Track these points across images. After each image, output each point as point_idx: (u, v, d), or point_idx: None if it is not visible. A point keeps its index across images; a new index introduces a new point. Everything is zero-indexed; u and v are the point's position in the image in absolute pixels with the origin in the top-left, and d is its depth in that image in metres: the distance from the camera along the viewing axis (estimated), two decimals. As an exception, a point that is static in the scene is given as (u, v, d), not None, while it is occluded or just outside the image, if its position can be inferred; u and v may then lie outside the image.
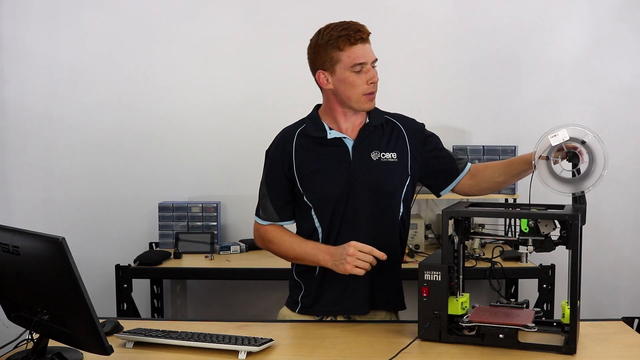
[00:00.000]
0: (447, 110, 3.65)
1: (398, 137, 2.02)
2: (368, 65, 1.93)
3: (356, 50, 1.90)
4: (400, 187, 1.98)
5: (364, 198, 1.94)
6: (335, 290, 1.97)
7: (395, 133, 2.02)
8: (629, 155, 3.57)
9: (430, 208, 3.62)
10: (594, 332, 1.81)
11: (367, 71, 1.93)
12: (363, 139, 1.98)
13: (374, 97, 1.97)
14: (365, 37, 1.93)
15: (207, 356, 1.65)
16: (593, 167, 1.73)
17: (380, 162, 1.97)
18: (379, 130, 2.01)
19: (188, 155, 3.65)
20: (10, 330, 1.71)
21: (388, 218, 1.97)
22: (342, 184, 1.94)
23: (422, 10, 3.62)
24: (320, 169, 1.96)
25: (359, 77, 1.92)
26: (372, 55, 1.95)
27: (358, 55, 1.90)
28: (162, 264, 3.21)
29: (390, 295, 2.02)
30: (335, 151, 1.97)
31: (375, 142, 1.99)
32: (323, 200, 1.96)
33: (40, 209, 3.65)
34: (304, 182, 1.97)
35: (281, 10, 3.61)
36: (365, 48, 1.93)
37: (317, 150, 1.97)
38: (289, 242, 1.99)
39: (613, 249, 3.64)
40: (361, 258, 1.83)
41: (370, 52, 1.95)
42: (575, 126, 1.75)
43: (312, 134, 1.99)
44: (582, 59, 3.60)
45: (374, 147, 1.98)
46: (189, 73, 3.63)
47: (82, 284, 1.39)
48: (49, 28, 3.61)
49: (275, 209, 2.01)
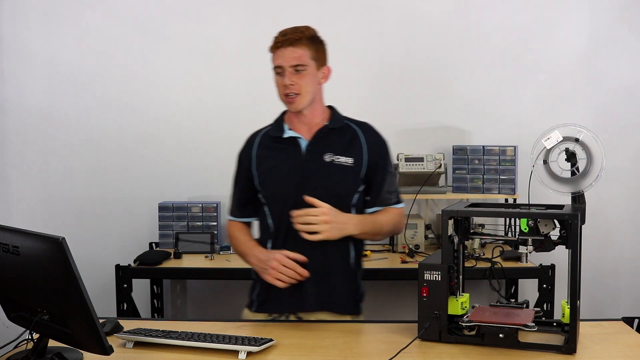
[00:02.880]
0: (447, 110, 3.65)
1: (355, 143, 2.05)
2: (285, 68, 1.97)
3: (277, 53, 1.99)
4: (351, 192, 2.02)
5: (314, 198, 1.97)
6: (285, 289, 1.99)
7: (354, 139, 2.06)
8: (629, 155, 3.57)
9: (430, 208, 3.62)
10: (594, 332, 1.81)
11: (284, 75, 1.98)
12: (317, 140, 2.03)
13: (294, 99, 1.99)
14: (288, 42, 1.97)
15: (207, 356, 1.65)
16: (590, 164, 1.73)
17: (333, 164, 2.00)
18: (336, 134, 2.05)
19: (188, 155, 3.65)
20: (10, 330, 1.71)
21: None
22: (293, 183, 1.99)
23: (422, 10, 3.62)
24: (275, 166, 2.04)
25: (279, 79, 2.00)
26: (290, 59, 1.97)
27: (276, 58, 1.99)
28: (162, 264, 3.21)
29: (340, 298, 2.03)
30: (290, 150, 2.04)
31: (330, 144, 2.03)
32: (274, 197, 2.03)
33: (40, 209, 3.65)
34: (260, 179, 2.05)
35: (281, 11, 3.61)
36: (286, 52, 1.97)
37: (274, 149, 2.06)
38: (238, 240, 2.11)
39: (613, 249, 3.64)
40: (283, 272, 1.91)
41: (290, 56, 1.97)
42: (567, 125, 1.76)
43: (271, 134, 2.08)
44: (582, 59, 3.60)
45: (328, 149, 2.02)
46: (189, 73, 3.63)
47: (82, 284, 1.39)
48: (49, 28, 3.61)
49: (237, 206, 2.14)
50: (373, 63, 3.65)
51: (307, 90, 1.99)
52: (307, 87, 1.99)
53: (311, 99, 2.01)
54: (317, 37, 2.02)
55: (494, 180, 3.38)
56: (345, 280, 2.04)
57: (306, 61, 1.97)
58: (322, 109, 2.09)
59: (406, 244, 3.30)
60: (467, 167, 3.41)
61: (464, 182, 3.41)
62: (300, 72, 1.97)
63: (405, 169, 3.35)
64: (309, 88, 1.99)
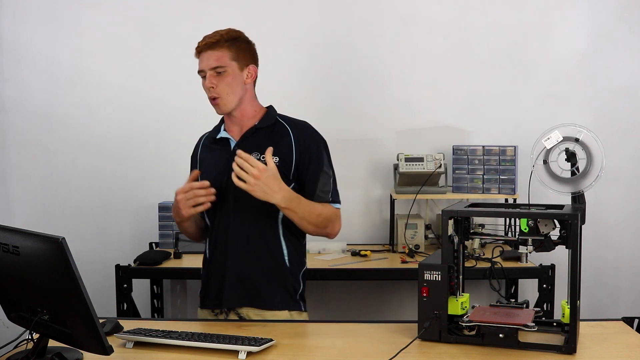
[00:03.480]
0: (447, 110, 3.65)
1: (284, 143, 2.07)
2: (206, 71, 2.02)
3: (199, 58, 2.05)
4: None
5: (240, 197, 2.00)
6: (215, 283, 2.09)
7: (283, 137, 2.08)
8: (629, 155, 3.57)
9: (430, 208, 3.62)
10: (594, 332, 1.81)
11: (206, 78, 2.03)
12: (245, 140, 2.08)
13: (217, 102, 2.05)
14: (206, 45, 2.02)
15: (207, 356, 1.65)
16: (590, 164, 1.74)
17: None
18: (265, 133, 2.08)
19: (188, 155, 3.62)
20: (10, 330, 1.71)
21: (264, 220, 2.04)
22: (222, 182, 2.04)
23: (422, 11, 3.62)
24: (209, 166, 2.13)
25: (203, 83, 2.06)
26: (209, 62, 2.02)
27: (199, 63, 2.05)
28: (162, 264, 3.21)
29: (266, 294, 2.05)
30: (222, 150, 2.11)
31: (258, 143, 2.05)
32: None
33: (40, 209, 3.65)
34: (201, 177, 2.10)
35: (281, 11, 3.61)
36: (205, 55, 2.03)
37: (211, 150, 2.16)
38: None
39: (613, 249, 3.64)
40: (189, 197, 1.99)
41: (208, 59, 2.02)
42: (566, 125, 1.76)
43: (210, 135, 2.19)
44: (582, 59, 3.60)
45: (256, 148, 2.04)
46: (189, 73, 3.60)
47: (82, 284, 1.38)
48: (49, 28, 3.61)
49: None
50: (373, 63, 3.65)
51: (228, 91, 2.02)
52: (229, 88, 2.02)
53: (237, 100, 2.05)
54: (238, 38, 2.05)
55: (494, 180, 3.38)
56: (272, 276, 2.06)
57: (225, 62, 2.01)
58: (255, 109, 2.11)
59: (406, 244, 3.30)
60: (467, 167, 3.41)
61: (463, 182, 3.41)
62: (221, 74, 2.02)
63: (405, 169, 3.35)
64: (230, 89, 2.03)
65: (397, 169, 3.40)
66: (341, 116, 3.65)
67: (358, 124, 3.67)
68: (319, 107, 3.57)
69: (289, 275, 2.09)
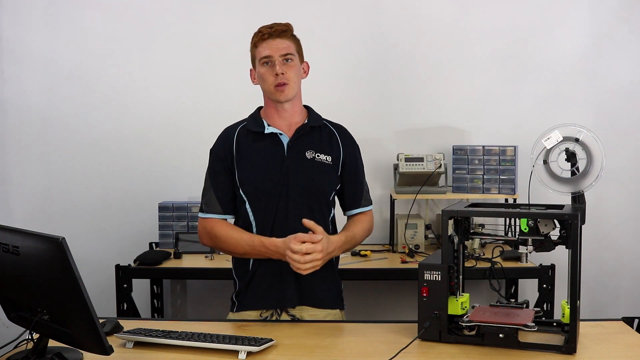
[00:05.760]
0: (447, 110, 3.65)
1: (334, 143, 2.09)
2: (275, 58, 1.99)
3: (264, 45, 2.00)
4: (331, 189, 2.07)
5: (296, 195, 2.00)
6: (265, 284, 2.03)
7: (332, 138, 2.10)
8: (629, 155, 3.57)
9: (430, 208, 3.62)
10: (594, 332, 1.81)
11: (273, 65, 1.99)
12: (298, 137, 2.05)
13: (285, 89, 2.01)
14: (275, 33, 2.00)
15: (207, 356, 1.65)
16: (590, 164, 1.74)
17: (315, 161, 2.03)
18: (316, 132, 2.08)
19: (188, 155, 3.65)
20: (10, 330, 1.71)
21: (318, 217, 2.01)
22: (275, 179, 2.00)
23: (422, 11, 3.62)
24: (256, 162, 2.03)
25: (268, 70, 2.00)
26: (279, 49, 2.00)
27: (264, 49, 2.00)
28: (162, 264, 3.21)
29: (320, 293, 2.05)
30: (272, 146, 2.04)
31: (311, 142, 2.05)
32: (256, 194, 2.02)
33: (40, 209, 3.65)
34: (241, 175, 2.03)
35: (281, 11, 3.61)
36: (274, 43, 2.00)
37: (255, 144, 2.05)
38: (233, 238, 2.02)
39: (613, 249, 3.64)
40: (297, 260, 1.86)
41: (279, 47, 2.00)
42: (567, 125, 1.76)
43: (251, 129, 2.06)
44: (582, 59, 3.60)
45: (309, 146, 2.04)
46: (189, 73, 3.63)
47: (82, 284, 1.38)
48: (49, 28, 3.61)
49: (220, 202, 2.07)
50: (373, 63, 3.65)
51: (295, 80, 2.02)
52: (296, 77, 2.02)
53: (297, 91, 2.05)
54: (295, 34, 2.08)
55: (494, 180, 3.38)
56: (325, 275, 2.05)
57: (293, 51, 2.02)
58: (301, 107, 2.12)
59: (406, 244, 3.30)
60: (467, 167, 3.41)
61: (463, 182, 3.41)
62: (289, 62, 2.01)
63: (405, 169, 3.35)
64: (297, 78, 2.03)
65: (397, 169, 3.40)
66: (341, 116, 3.63)
67: (358, 123, 3.65)
68: (318, 107, 3.56)
69: (337, 273, 2.12)
